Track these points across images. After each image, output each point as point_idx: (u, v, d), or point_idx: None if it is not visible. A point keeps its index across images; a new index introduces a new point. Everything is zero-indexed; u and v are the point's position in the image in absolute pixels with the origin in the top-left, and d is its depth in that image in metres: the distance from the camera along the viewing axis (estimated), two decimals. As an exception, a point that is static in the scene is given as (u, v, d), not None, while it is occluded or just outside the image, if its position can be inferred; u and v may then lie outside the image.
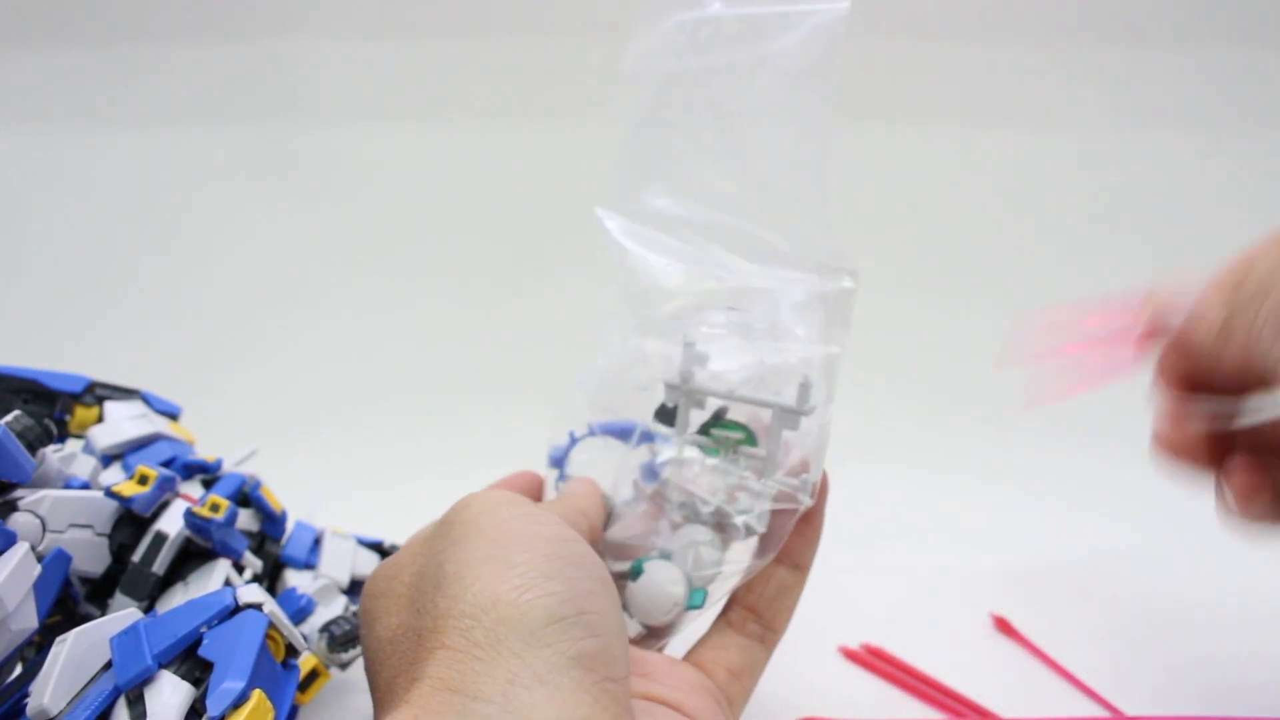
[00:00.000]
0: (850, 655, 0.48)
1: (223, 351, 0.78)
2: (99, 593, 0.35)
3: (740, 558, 0.37)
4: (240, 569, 0.37)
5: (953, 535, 0.60)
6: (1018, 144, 0.86)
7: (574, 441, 0.42)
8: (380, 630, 0.29)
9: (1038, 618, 0.50)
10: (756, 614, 0.37)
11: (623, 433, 0.42)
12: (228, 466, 0.42)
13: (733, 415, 0.39)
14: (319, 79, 0.84)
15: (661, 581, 0.36)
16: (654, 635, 0.37)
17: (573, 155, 0.83)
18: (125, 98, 0.83)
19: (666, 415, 0.39)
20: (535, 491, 0.40)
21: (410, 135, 0.84)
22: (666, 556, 0.37)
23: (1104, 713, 0.43)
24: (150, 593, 0.34)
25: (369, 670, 0.30)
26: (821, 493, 0.37)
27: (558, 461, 0.43)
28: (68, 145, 0.83)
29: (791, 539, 0.37)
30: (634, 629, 0.37)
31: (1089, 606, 0.52)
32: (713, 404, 0.39)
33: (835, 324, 0.36)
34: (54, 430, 0.32)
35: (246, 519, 0.39)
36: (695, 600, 0.36)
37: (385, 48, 0.83)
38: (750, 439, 0.38)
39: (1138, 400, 0.46)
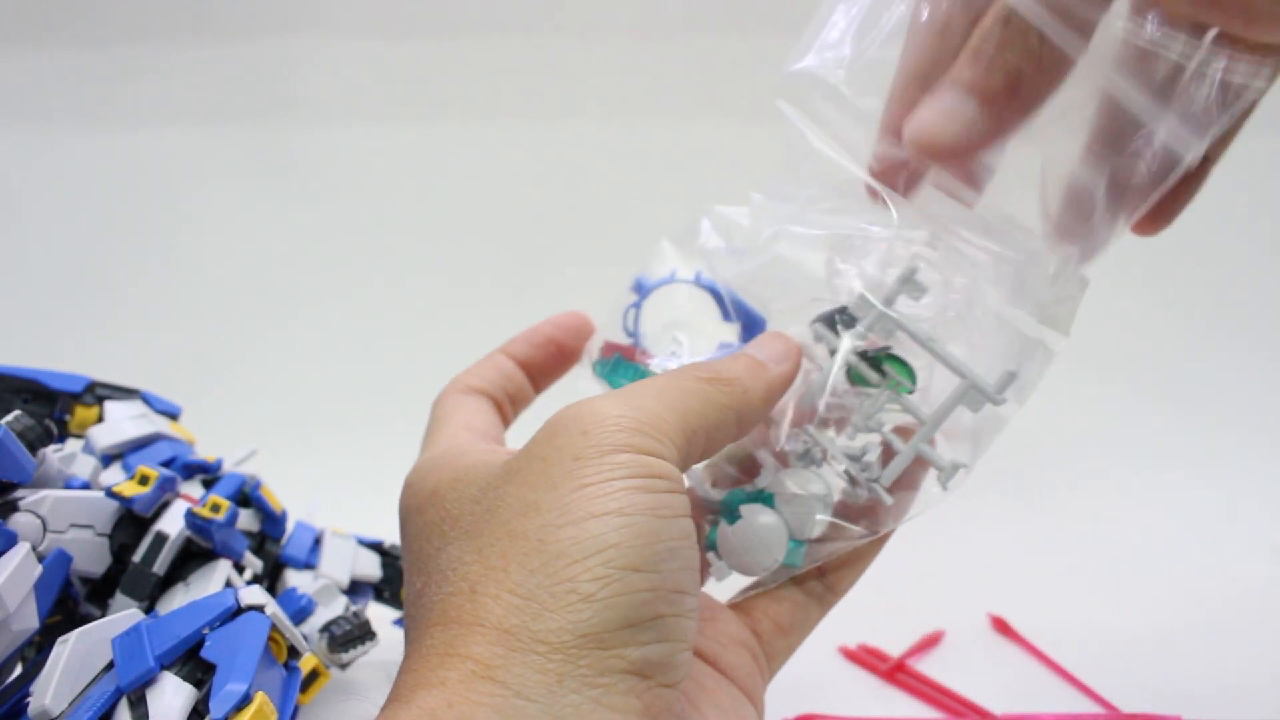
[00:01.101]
0: (849, 655, 0.48)
1: (223, 352, 0.78)
2: (99, 593, 0.35)
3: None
4: (241, 569, 0.37)
5: (951, 535, 0.60)
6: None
7: (671, 280, 0.36)
8: (430, 547, 0.26)
9: (1036, 618, 0.50)
10: (822, 572, 0.34)
11: (742, 312, 0.36)
12: (228, 466, 0.42)
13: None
14: (319, 79, 0.84)
15: (761, 533, 0.32)
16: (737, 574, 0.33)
17: (573, 155, 0.83)
18: (125, 98, 0.83)
19: (845, 321, 0.33)
20: (581, 339, 0.37)
21: (410, 135, 0.84)
22: (765, 498, 0.33)
23: (1102, 711, 0.43)
24: (151, 593, 0.34)
25: (406, 570, 0.27)
26: None
27: (641, 289, 0.37)
28: (68, 145, 0.83)
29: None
30: (720, 571, 0.33)
31: (1088, 606, 0.52)
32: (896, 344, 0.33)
33: (1056, 322, 0.32)
34: (54, 430, 0.32)
35: (247, 519, 0.39)
36: (793, 559, 0.32)
37: (385, 48, 0.83)
38: (910, 388, 0.33)
39: (1138, 401, 0.46)
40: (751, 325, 0.36)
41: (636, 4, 0.82)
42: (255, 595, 0.30)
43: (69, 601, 0.34)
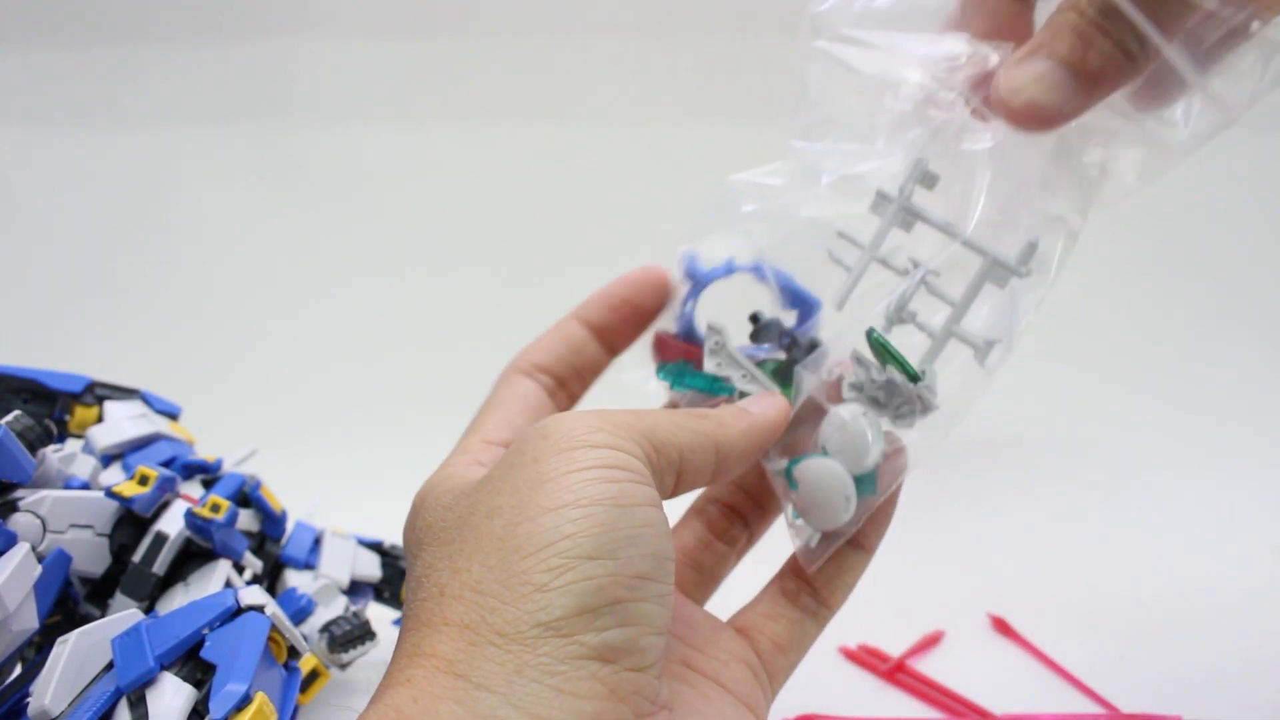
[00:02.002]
0: (849, 655, 0.48)
1: (223, 351, 0.78)
2: (99, 593, 0.35)
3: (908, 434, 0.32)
4: (240, 569, 0.37)
5: (951, 535, 0.60)
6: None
7: (728, 271, 0.35)
8: (411, 556, 0.27)
9: (1036, 617, 0.50)
10: (813, 589, 0.34)
11: (796, 297, 0.35)
12: (228, 466, 0.42)
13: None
14: (319, 79, 0.84)
15: (819, 482, 0.31)
16: (832, 536, 0.33)
17: (573, 155, 0.83)
18: (125, 98, 0.83)
19: (880, 203, 0.32)
20: (659, 297, 0.37)
21: (410, 135, 0.84)
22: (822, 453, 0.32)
23: (1102, 711, 0.43)
24: (150, 593, 0.34)
25: (407, 580, 0.28)
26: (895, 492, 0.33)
27: (696, 278, 0.35)
28: (68, 145, 0.83)
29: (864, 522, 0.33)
30: (803, 532, 0.33)
31: (1087, 606, 0.52)
32: (918, 236, 0.32)
33: (1078, 197, 0.31)
34: (54, 430, 0.32)
35: (247, 519, 0.39)
36: (866, 489, 0.32)
37: (385, 48, 0.83)
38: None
39: (1138, 401, 0.46)
40: (806, 309, 0.35)
41: (636, 4, 0.82)
42: (255, 595, 0.30)
43: (69, 602, 0.34)
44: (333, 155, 0.84)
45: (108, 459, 0.39)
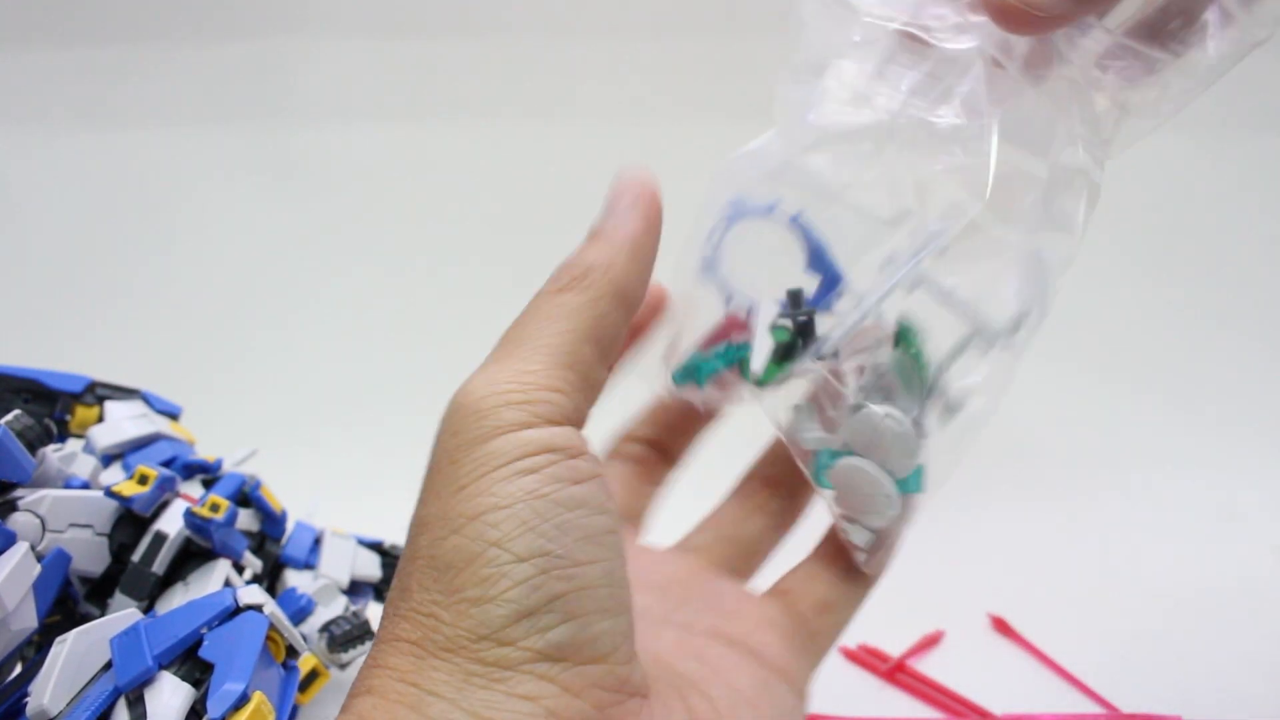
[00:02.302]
0: (849, 655, 0.48)
1: (223, 351, 0.78)
2: (99, 592, 0.35)
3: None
4: (240, 569, 0.37)
5: (951, 535, 0.60)
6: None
7: (769, 210, 0.31)
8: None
9: (1036, 618, 0.50)
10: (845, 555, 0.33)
11: (825, 265, 0.32)
12: (228, 466, 0.42)
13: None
14: (319, 79, 0.84)
15: (856, 486, 0.30)
16: (886, 534, 0.31)
17: (573, 155, 0.83)
18: (125, 98, 0.83)
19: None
20: (654, 312, 0.34)
21: (410, 135, 0.84)
22: (849, 451, 0.30)
23: (1102, 711, 0.43)
24: (150, 593, 0.34)
25: None
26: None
27: (739, 208, 0.32)
28: (68, 145, 0.83)
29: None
30: (858, 534, 0.31)
31: (1087, 606, 0.52)
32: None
33: (1096, 145, 0.28)
34: (54, 430, 0.32)
35: (246, 519, 0.39)
36: (911, 486, 0.30)
37: (385, 48, 0.83)
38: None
39: (1138, 400, 0.46)
40: (829, 281, 0.33)
41: (636, 4, 0.82)
42: (253, 595, 0.30)
43: (68, 601, 0.34)
44: (332, 155, 0.84)
45: (108, 459, 0.39)
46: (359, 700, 0.23)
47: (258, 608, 0.29)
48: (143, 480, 0.34)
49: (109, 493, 0.34)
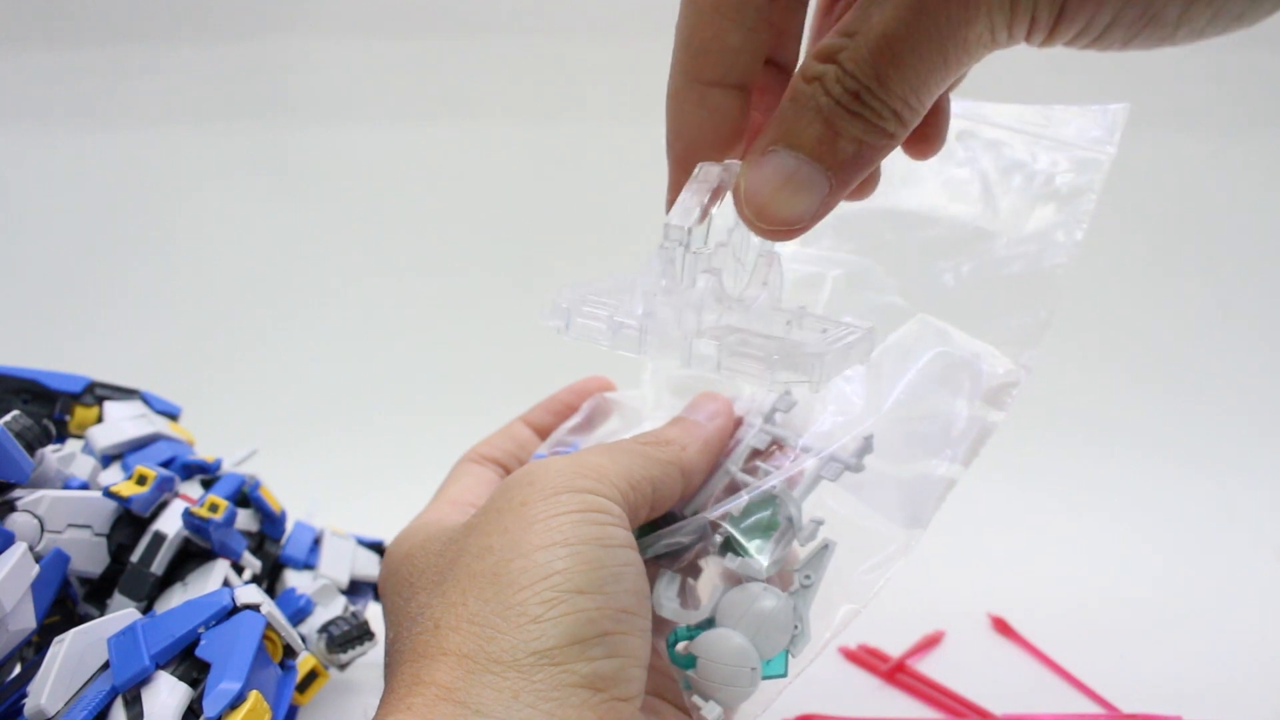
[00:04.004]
0: (849, 655, 0.48)
1: (223, 351, 0.78)
2: (97, 593, 0.35)
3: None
4: (239, 569, 0.37)
5: (950, 536, 0.60)
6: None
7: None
8: (400, 599, 0.29)
9: (1036, 618, 0.50)
10: None
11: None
12: (227, 466, 0.42)
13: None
14: (319, 79, 0.84)
15: (720, 658, 0.30)
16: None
17: (573, 155, 0.83)
18: (125, 98, 0.83)
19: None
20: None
21: (410, 135, 0.84)
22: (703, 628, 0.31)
23: (1102, 711, 0.43)
24: (149, 593, 0.34)
25: (385, 626, 0.29)
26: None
27: None
28: (67, 145, 0.83)
29: None
30: (713, 712, 0.31)
31: (1087, 606, 0.52)
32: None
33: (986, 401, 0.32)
34: (53, 430, 0.32)
35: (246, 519, 0.39)
36: (774, 669, 0.31)
37: (385, 48, 0.83)
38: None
39: (1138, 400, 0.46)
40: None
41: (636, 4, 0.82)
42: (251, 594, 0.30)
43: (67, 601, 0.34)
44: (332, 155, 0.84)
45: (107, 459, 0.39)
46: (397, 718, 0.24)
47: (255, 607, 0.29)
48: (141, 480, 0.34)
49: (108, 493, 0.34)
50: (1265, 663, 0.47)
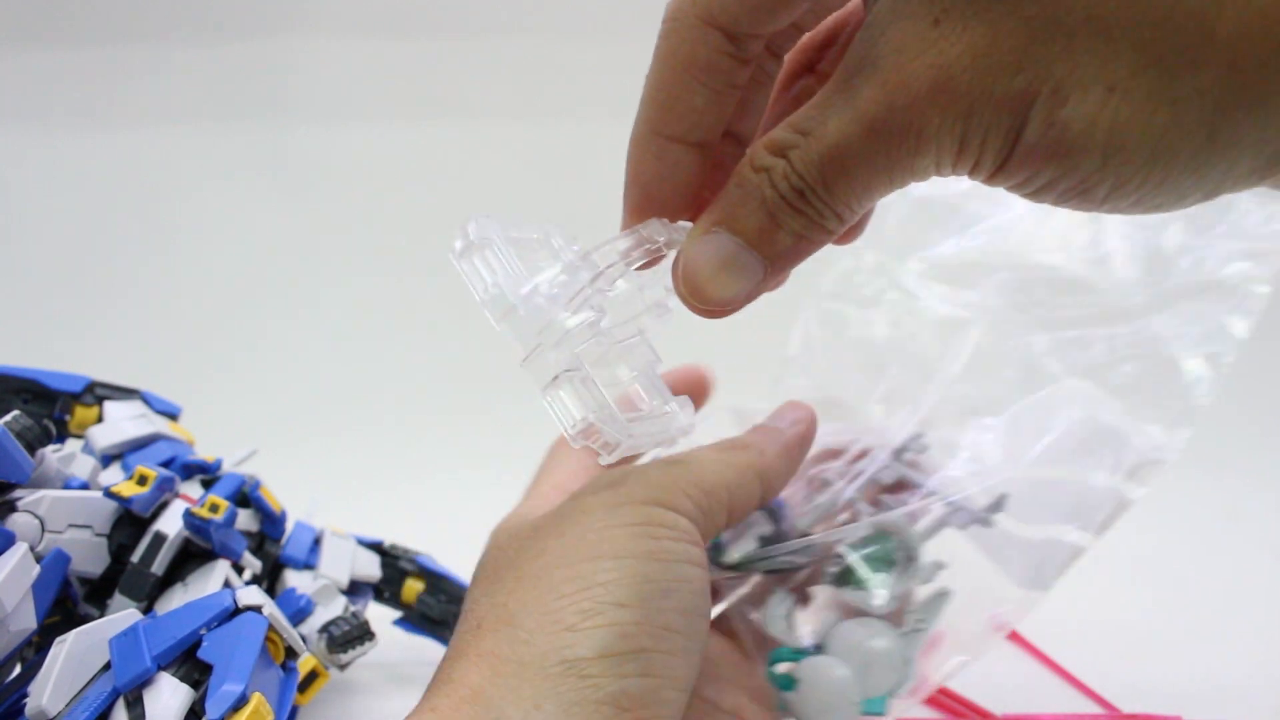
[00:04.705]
0: (849, 655, 0.48)
1: (223, 351, 0.78)
2: (98, 593, 0.35)
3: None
4: (240, 569, 0.37)
5: (951, 536, 0.60)
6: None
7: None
8: (473, 592, 0.28)
9: (1036, 617, 0.50)
10: None
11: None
12: (227, 466, 0.42)
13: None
14: (318, 79, 0.84)
15: (821, 686, 0.30)
16: None
17: (573, 155, 0.83)
18: (125, 98, 0.83)
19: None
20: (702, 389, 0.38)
21: (410, 135, 0.84)
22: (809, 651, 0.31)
23: (1102, 711, 0.43)
24: (149, 593, 0.34)
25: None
26: None
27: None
28: (67, 145, 0.83)
29: None
30: None
31: (1088, 606, 0.52)
32: None
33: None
34: (53, 430, 0.32)
35: (246, 519, 0.39)
36: (875, 707, 0.31)
37: (385, 48, 0.83)
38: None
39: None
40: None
41: (637, 4, 0.82)
42: (252, 595, 0.30)
43: (68, 602, 0.34)
44: (332, 155, 0.84)
45: (107, 459, 0.39)
46: (420, 718, 0.24)
47: (257, 608, 0.29)
48: (142, 481, 0.34)
49: (108, 493, 0.34)
50: (1265, 663, 0.47)
